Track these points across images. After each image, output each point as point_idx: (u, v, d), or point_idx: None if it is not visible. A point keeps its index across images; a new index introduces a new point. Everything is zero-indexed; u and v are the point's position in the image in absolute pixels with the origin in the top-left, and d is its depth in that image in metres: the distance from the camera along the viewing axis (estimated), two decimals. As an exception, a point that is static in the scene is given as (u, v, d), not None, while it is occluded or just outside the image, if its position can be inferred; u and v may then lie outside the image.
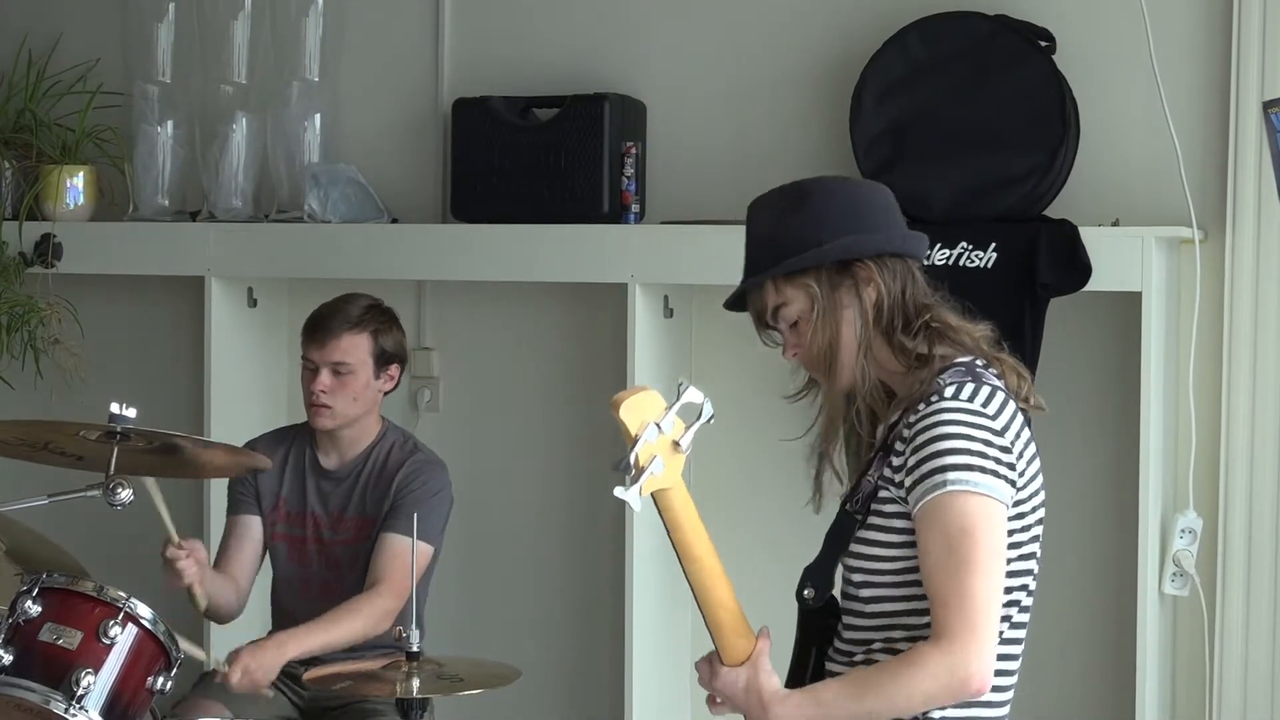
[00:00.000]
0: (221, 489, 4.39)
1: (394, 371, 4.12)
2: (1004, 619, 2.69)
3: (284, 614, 4.13)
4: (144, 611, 3.48)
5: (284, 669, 4.03)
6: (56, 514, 3.65)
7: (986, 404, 2.69)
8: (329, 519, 4.09)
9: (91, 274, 4.85)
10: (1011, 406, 2.73)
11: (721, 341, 4.50)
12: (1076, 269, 3.94)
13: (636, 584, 4.31)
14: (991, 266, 3.96)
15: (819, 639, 2.85)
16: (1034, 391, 2.82)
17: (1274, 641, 4.02)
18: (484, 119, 4.50)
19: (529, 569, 4.71)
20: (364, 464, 4.10)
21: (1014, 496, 2.69)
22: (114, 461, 3.50)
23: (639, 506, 2.59)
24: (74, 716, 3.35)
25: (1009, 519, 2.68)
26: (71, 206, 4.87)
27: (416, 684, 3.40)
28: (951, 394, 2.69)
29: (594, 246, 4.34)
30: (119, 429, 3.47)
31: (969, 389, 2.70)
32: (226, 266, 4.69)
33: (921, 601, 2.70)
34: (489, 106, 4.50)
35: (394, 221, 4.67)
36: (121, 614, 3.45)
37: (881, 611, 2.75)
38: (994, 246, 3.98)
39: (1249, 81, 3.98)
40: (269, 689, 3.80)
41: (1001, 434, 2.68)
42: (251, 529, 4.13)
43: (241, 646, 3.81)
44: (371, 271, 4.52)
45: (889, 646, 2.75)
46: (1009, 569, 2.69)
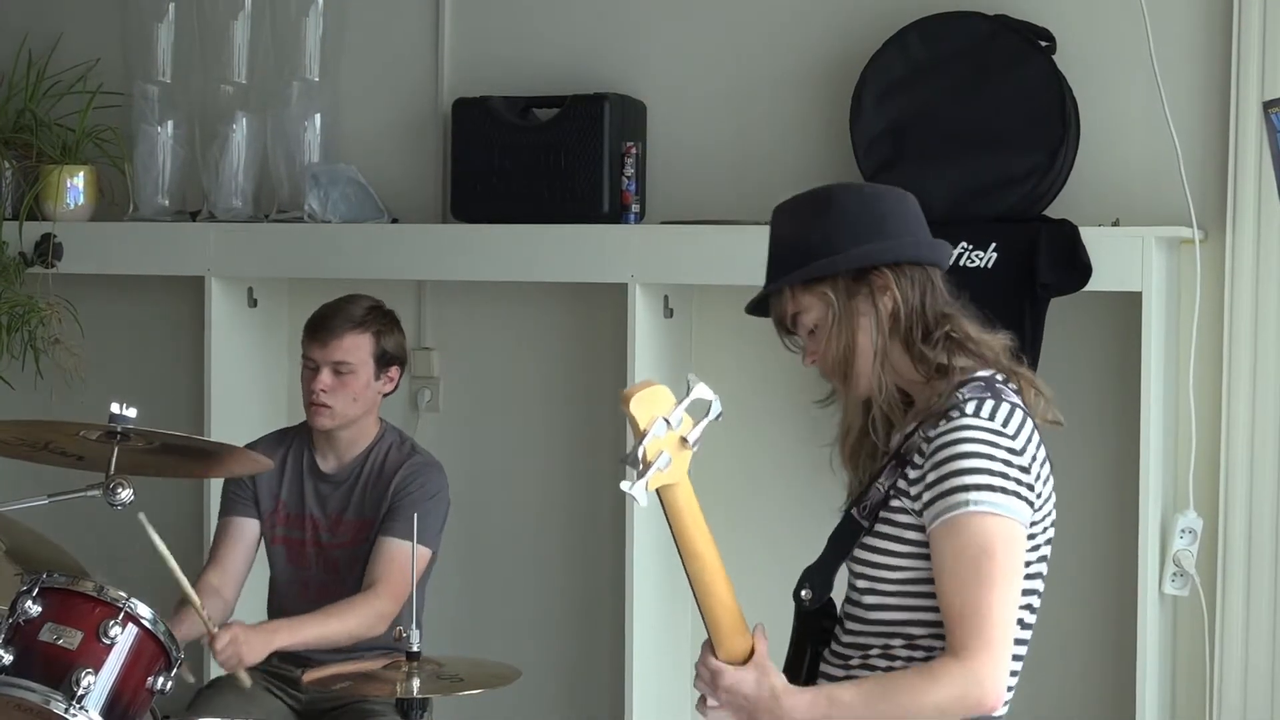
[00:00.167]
0: (220, 489, 4.39)
1: (394, 373, 4.12)
2: None
3: (282, 617, 4.12)
4: (144, 611, 3.48)
5: (281, 672, 4.04)
6: (56, 514, 3.65)
7: (1006, 423, 2.69)
8: (327, 521, 4.09)
9: (92, 274, 4.85)
10: (1029, 425, 2.74)
11: (721, 341, 4.50)
12: (1076, 269, 3.94)
13: (637, 584, 4.31)
14: (991, 266, 3.96)
15: (815, 640, 2.86)
16: (1053, 405, 2.82)
17: (1274, 641, 4.02)
18: (484, 119, 4.49)
19: (529, 569, 4.71)
20: (362, 466, 4.10)
21: (1031, 517, 2.70)
22: (114, 461, 3.50)
23: (645, 502, 2.58)
24: (74, 716, 3.35)
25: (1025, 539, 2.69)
26: (72, 206, 4.88)
27: (416, 684, 3.40)
28: (972, 410, 2.69)
29: (594, 246, 4.34)
30: (119, 429, 3.46)
31: (989, 406, 2.70)
32: (227, 266, 4.69)
33: (924, 613, 2.71)
34: (489, 106, 4.50)
35: (394, 221, 4.67)
36: (122, 614, 3.45)
37: (883, 619, 2.76)
38: (994, 246, 3.98)
39: (1249, 81, 3.98)
40: (246, 675, 3.76)
41: (1020, 453, 2.69)
42: (246, 531, 4.13)
43: (236, 621, 3.81)
44: (371, 271, 4.52)
45: (887, 654, 2.75)
46: None
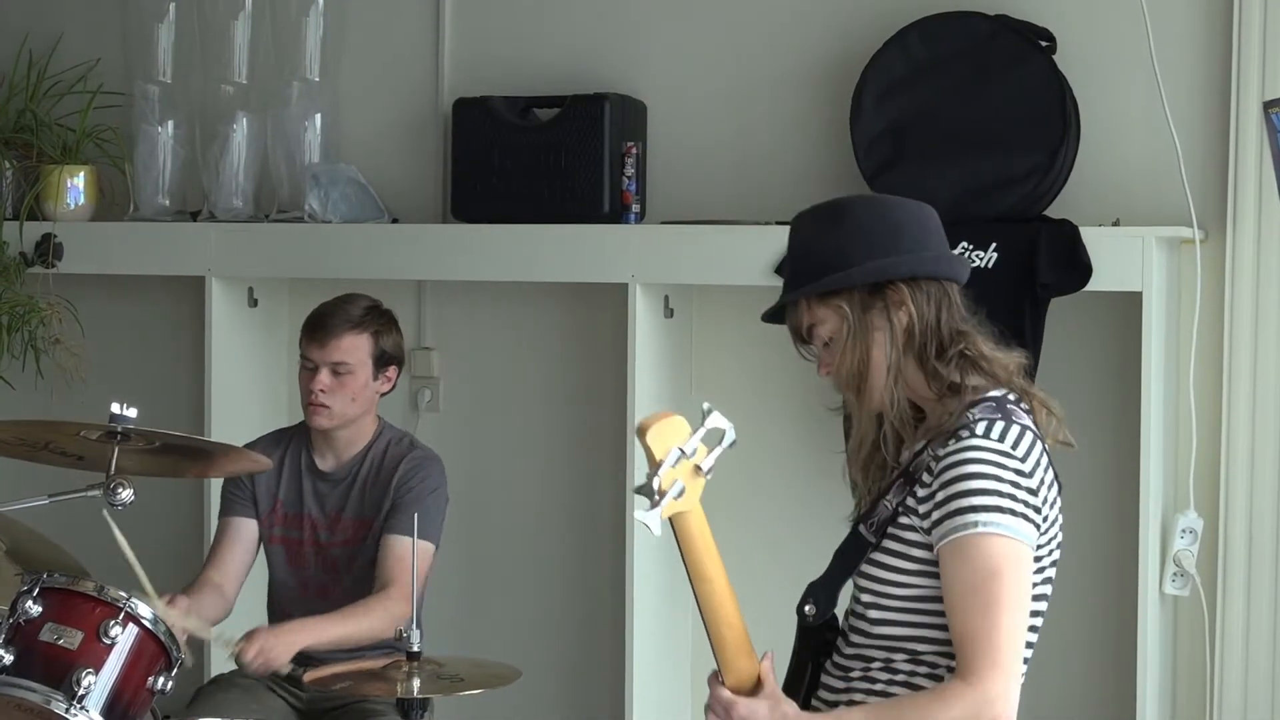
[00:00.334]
0: (220, 489, 4.39)
1: (391, 374, 4.12)
2: None
3: (281, 616, 4.12)
4: (144, 611, 3.48)
5: (281, 672, 4.04)
6: (57, 514, 3.65)
7: (1016, 445, 2.69)
8: (326, 520, 4.08)
9: (92, 274, 4.85)
10: (1039, 447, 2.73)
11: (722, 342, 4.51)
12: (1077, 269, 3.94)
13: (637, 584, 4.31)
14: (992, 266, 3.96)
15: (817, 652, 2.85)
16: (1064, 427, 2.82)
17: (1274, 641, 4.02)
18: (484, 119, 4.49)
19: (529, 569, 4.71)
20: (361, 464, 4.09)
21: (1037, 539, 2.69)
22: (114, 461, 3.50)
23: (659, 531, 2.60)
24: (75, 716, 3.35)
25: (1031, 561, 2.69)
26: (72, 206, 4.88)
27: (417, 684, 3.40)
28: (982, 431, 2.69)
29: (594, 246, 4.34)
30: (119, 429, 3.46)
31: (999, 427, 2.70)
32: (227, 266, 4.69)
33: (928, 629, 2.71)
34: (489, 106, 4.50)
35: (394, 221, 4.67)
36: (122, 614, 3.45)
37: (887, 635, 2.75)
38: (994, 246, 3.98)
39: (1249, 81, 3.98)
40: (285, 666, 3.77)
41: (1029, 475, 2.68)
42: (244, 531, 4.12)
43: (258, 628, 3.81)
44: (372, 271, 4.52)
45: (889, 668, 2.75)
46: None
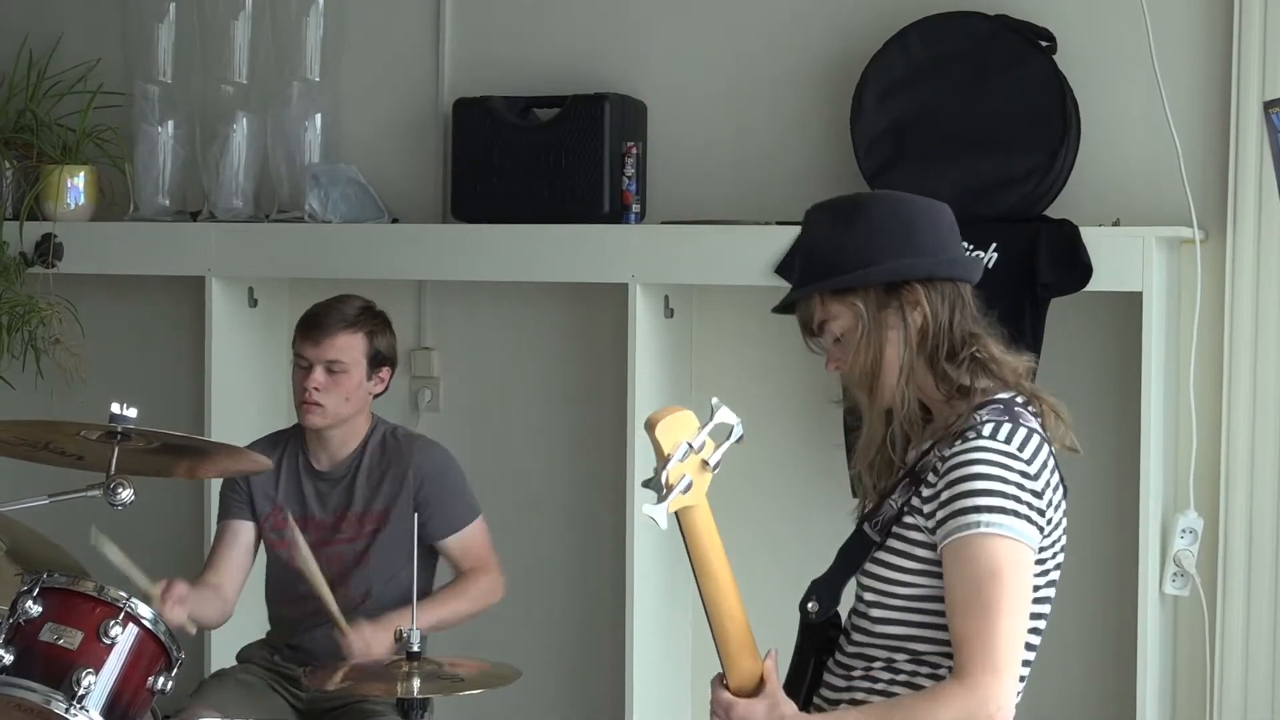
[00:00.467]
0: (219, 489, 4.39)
1: (385, 374, 4.11)
2: None
3: (280, 618, 4.12)
4: (144, 611, 3.48)
5: (284, 670, 4.04)
6: (57, 514, 3.65)
7: (1022, 447, 2.69)
8: (331, 520, 4.08)
9: (92, 274, 4.85)
10: (1045, 450, 2.73)
11: (722, 342, 4.51)
12: (1077, 269, 3.94)
13: (637, 584, 4.31)
14: (992, 267, 3.96)
15: (818, 650, 2.85)
16: (1071, 432, 2.81)
17: (1275, 641, 4.02)
18: (484, 119, 4.50)
19: (529, 569, 4.71)
20: (360, 459, 4.09)
21: (1041, 542, 2.69)
22: (114, 461, 3.50)
23: (666, 525, 2.61)
24: (75, 716, 3.35)
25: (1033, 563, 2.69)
26: (72, 206, 4.88)
27: (417, 684, 3.40)
28: (989, 433, 2.69)
29: (594, 246, 4.34)
30: (119, 429, 3.46)
31: (1006, 429, 2.70)
32: (227, 266, 4.69)
33: (930, 630, 2.71)
34: (489, 106, 4.50)
35: (394, 221, 4.67)
36: (122, 614, 3.45)
37: (889, 634, 2.75)
38: (994, 246, 3.98)
39: (1250, 81, 3.98)
40: (389, 652, 3.80)
41: (1034, 478, 2.68)
42: (243, 534, 4.12)
43: (360, 620, 3.83)
44: (372, 271, 4.52)
45: (890, 667, 2.75)
46: None
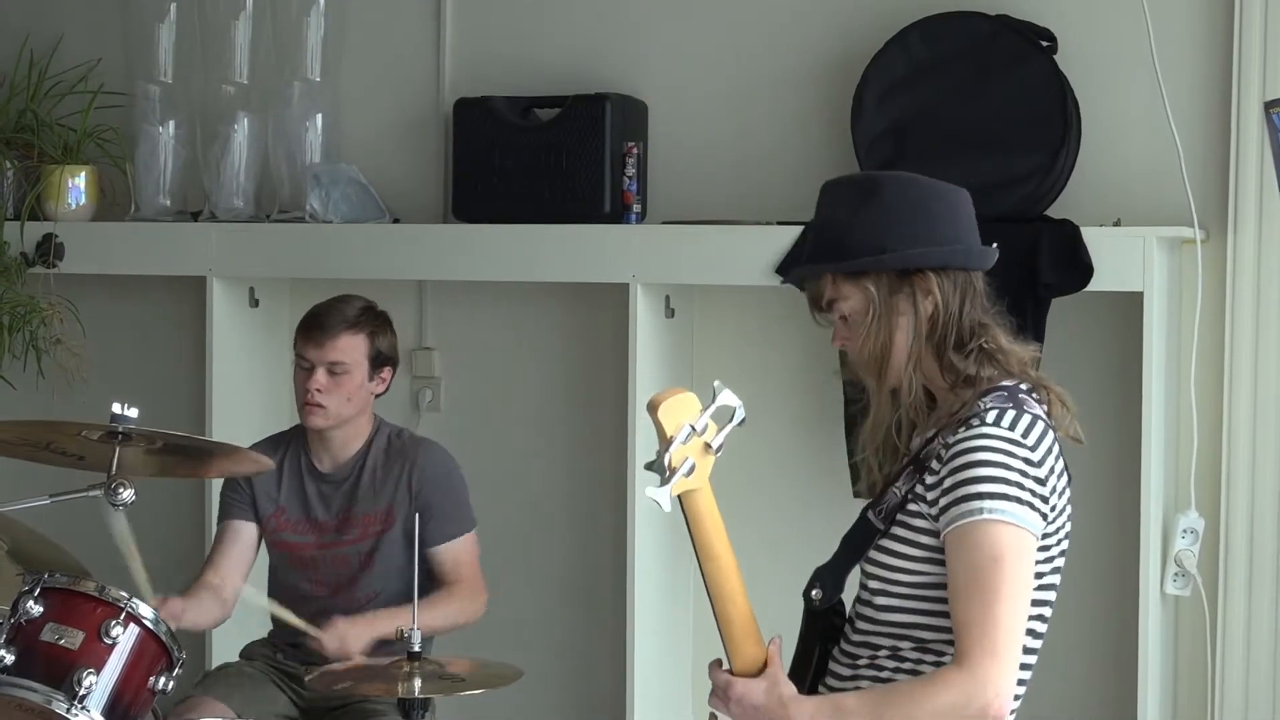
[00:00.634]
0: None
1: (386, 374, 4.12)
2: None
3: (299, 615, 4.12)
4: (146, 611, 3.48)
5: (286, 669, 4.05)
6: (58, 514, 3.65)
7: (1026, 433, 2.69)
8: (335, 521, 4.08)
9: (93, 274, 4.85)
10: (1050, 436, 2.73)
11: (723, 342, 4.51)
12: (1078, 269, 3.94)
13: (638, 584, 4.31)
14: (992, 266, 3.95)
15: (823, 638, 2.86)
16: (1075, 421, 2.81)
17: (1276, 642, 4.02)
18: (485, 119, 4.49)
19: (530, 569, 4.71)
20: (363, 461, 4.09)
21: (1044, 529, 2.69)
22: (115, 462, 3.50)
23: (669, 508, 2.62)
24: (76, 717, 3.35)
25: (1035, 550, 2.69)
26: (73, 206, 4.88)
27: (418, 684, 3.40)
28: (993, 420, 2.69)
29: (595, 246, 4.34)
30: (121, 429, 3.46)
31: (1010, 416, 2.70)
32: (228, 266, 4.69)
33: (935, 617, 2.71)
34: (490, 106, 4.50)
35: (395, 221, 4.67)
36: (123, 614, 3.45)
37: (894, 621, 2.76)
38: (995, 246, 3.96)
39: (1250, 81, 3.98)
40: (361, 655, 3.81)
41: (1038, 465, 2.68)
42: (244, 535, 4.12)
43: (337, 616, 3.84)
44: (373, 271, 4.52)
45: (896, 655, 2.75)
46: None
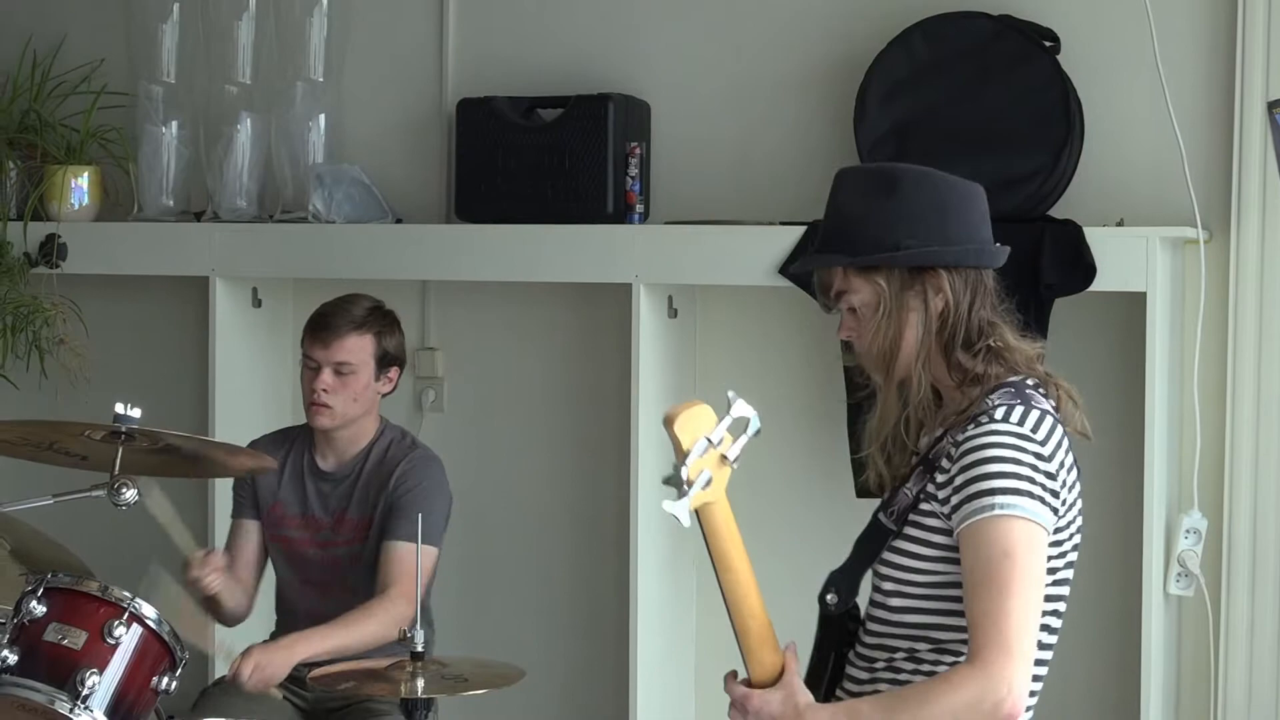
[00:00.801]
0: (225, 489, 4.39)
1: (393, 374, 4.12)
2: None
3: (288, 615, 4.13)
4: (149, 611, 3.48)
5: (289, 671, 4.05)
6: (61, 514, 3.65)
7: (1036, 428, 2.69)
8: (329, 520, 4.09)
9: (96, 274, 4.85)
10: (1059, 431, 2.73)
11: (725, 342, 4.51)
12: (1081, 269, 3.94)
13: (641, 584, 4.31)
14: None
15: (838, 642, 2.85)
16: (1084, 417, 2.81)
17: (1279, 641, 4.02)
18: (488, 119, 4.50)
19: (533, 569, 4.71)
20: (363, 463, 4.10)
21: (1055, 523, 2.69)
22: (119, 461, 3.51)
23: (688, 522, 2.59)
24: (79, 717, 3.35)
25: (1048, 545, 2.68)
26: (76, 207, 4.88)
27: (421, 684, 3.40)
28: (1002, 416, 2.69)
29: (598, 247, 4.34)
30: (124, 429, 3.47)
31: (1018, 411, 2.70)
32: (231, 267, 4.69)
33: (952, 617, 2.70)
34: (493, 107, 4.50)
35: (398, 222, 4.67)
36: (126, 614, 3.45)
37: (910, 622, 2.75)
38: (1005, 247, 3.97)
39: (1254, 81, 3.98)
40: (277, 690, 3.80)
41: (1048, 459, 2.68)
42: (251, 532, 4.14)
43: (253, 645, 3.82)
44: (376, 272, 4.52)
45: (913, 657, 2.75)
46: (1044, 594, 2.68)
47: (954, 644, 2.72)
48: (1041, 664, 2.76)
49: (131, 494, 3.49)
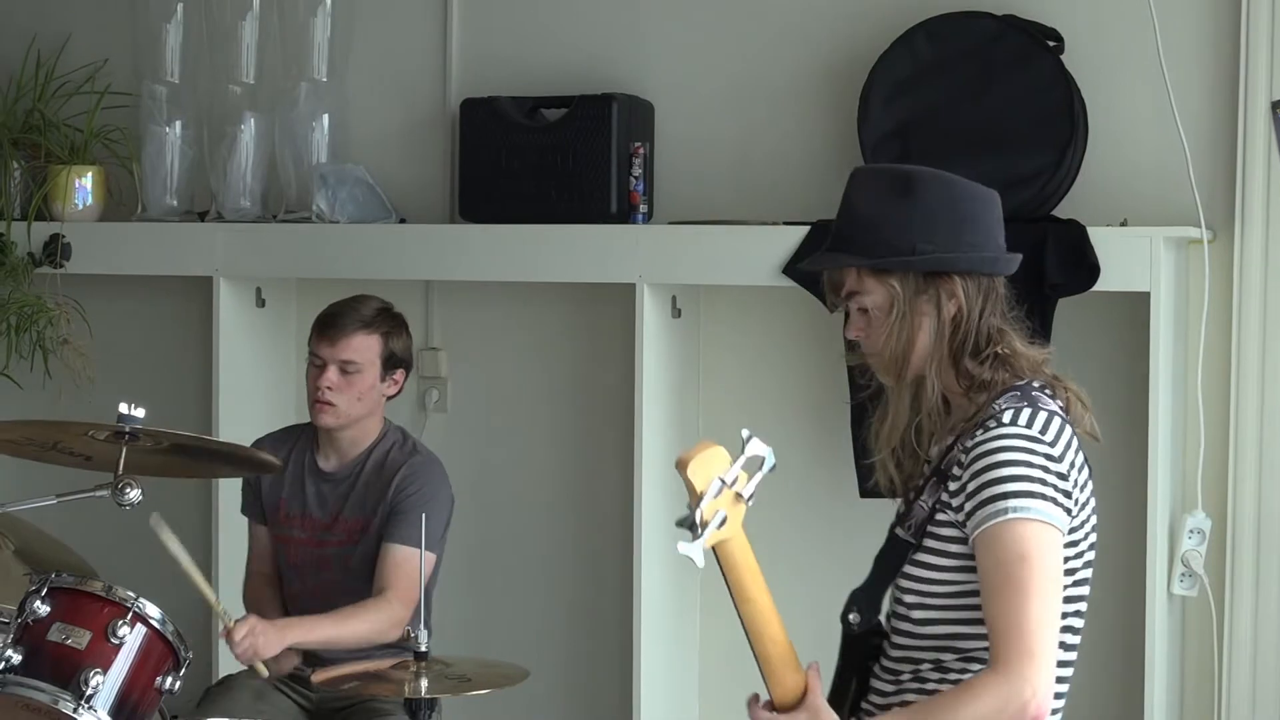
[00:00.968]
0: (229, 489, 4.40)
1: (399, 377, 4.11)
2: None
3: (291, 612, 4.13)
4: (153, 611, 3.49)
5: (293, 671, 4.04)
6: (65, 514, 3.65)
7: (1044, 430, 2.68)
8: (327, 520, 4.08)
9: (100, 274, 4.85)
10: (1069, 431, 2.72)
11: (729, 342, 4.51)
12: (1084, 269, 3.93)
13: (644, 584, 4.31)
14: (1000, 267, 3.96)
15: (864, 658, 2.83)
16: (1093, 419, 2.80)
17: (1283, 642, 4.02)
18: (492, 119, 4.50)
19: (537, 569, 4.71)
20: (363, 465, 4.09)
21: (1070, 523, 2.68)
22: (122, 461, 3.51)
23: (703, 563, 2.56)
24: (82, 716, 3.36)
25: (1064, 545, 2.68)
26: (80, 207, 4.88)
27: (424, 684, 3.40)
28: (1009, 419, 2.68)
29: (602, 247, 4.34)
30: (127, 429, 3.47)
31: (1026, 414, 2.69)
32: (235, 267, 4.70)
33: (974, 625, 2.69)
34: (497, 107, 4.50)
35: (402, 222, 4.67)
36: (130, 614, 3.45)
37: (934, 634, 2.74)
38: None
39: (1257, 81, 3.98)
40: (263, 666, 3.78)
41: (1059, 460, 2.67)
42: (261, 537, 4.16)
43: (251, 614, 3.81)
44: (379, 272, 4.53)
45: (940, 668, 2.74)
46: (1064, 594, 2.68)
47: (979, 651, 2.70)
48: (1066, 665, 2.75)
49: (135, 494, 3.49)
